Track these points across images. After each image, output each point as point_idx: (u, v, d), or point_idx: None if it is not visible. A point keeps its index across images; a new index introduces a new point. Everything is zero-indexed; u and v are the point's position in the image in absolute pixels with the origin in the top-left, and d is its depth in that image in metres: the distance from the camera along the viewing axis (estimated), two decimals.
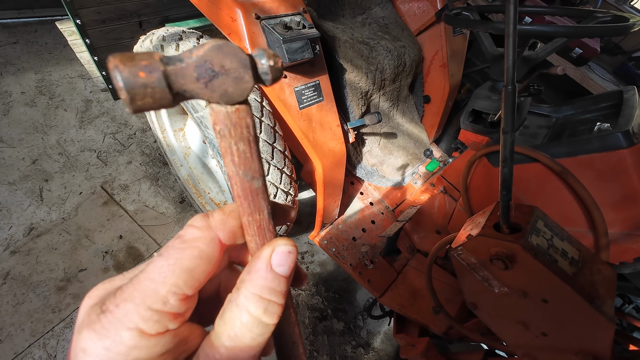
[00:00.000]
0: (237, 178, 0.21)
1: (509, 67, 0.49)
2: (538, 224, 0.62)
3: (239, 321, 0.20)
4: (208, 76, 0.18)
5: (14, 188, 1.68)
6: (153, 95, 0.17)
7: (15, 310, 1.37)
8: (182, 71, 0.18)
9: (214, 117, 0.19)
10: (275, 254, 0.21)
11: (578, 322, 0.56)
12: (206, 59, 0.18)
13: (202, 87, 0.18)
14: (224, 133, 0.20)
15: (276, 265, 0.21)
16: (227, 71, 0.18)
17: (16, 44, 2.23)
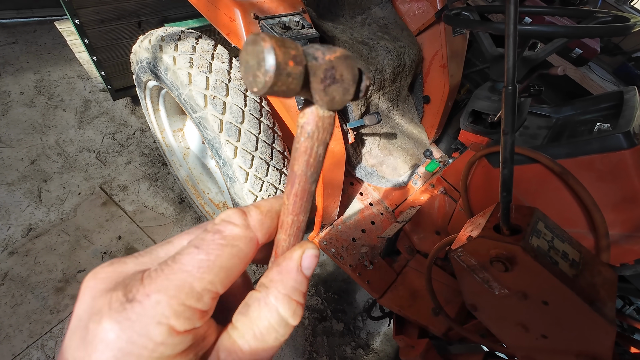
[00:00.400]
0: (304, 178, 0.21)
1: (509, 68, 0.49)
2: (538, 226, 0.62)
3: (267, 321, 0.20)
4: (330, 81, 0.18)
5: (13, 188, 1.67)
6: (290, 84, 0.17)
7: (14, 311, 1.37)
8: (315, 69, 0.18)
9: (310, 118, 0.20)
10: (305, 257, 0.21)
11: (578, 324, 0.56)
12: (334, 65, 0.18)
13: (322, 88, 0.18)
14: (313, 134, 0.20)
15: (305, 268, 0.21)
16: (342, 80, 0.19)
17: (15, 44, 2.23)
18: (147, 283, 0.17)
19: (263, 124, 1.06)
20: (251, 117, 1.03)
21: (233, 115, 0.99)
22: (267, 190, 1.11)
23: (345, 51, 0.19)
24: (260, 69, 0.16)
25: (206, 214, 1.71)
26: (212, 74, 1.00)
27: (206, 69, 1.00)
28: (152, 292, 0.17)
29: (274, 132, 1.09)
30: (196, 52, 1.04)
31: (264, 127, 1.06)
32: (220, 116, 0.99)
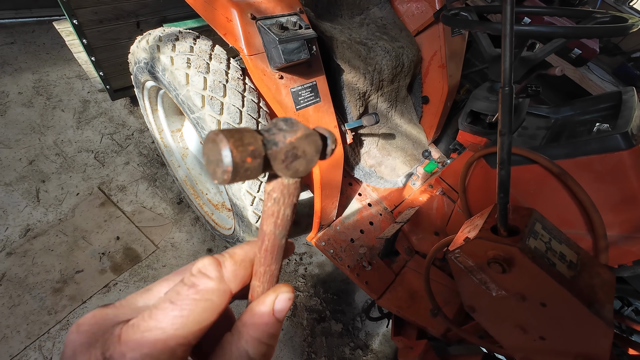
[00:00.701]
0: (272, 236, 0.23)
1: (506, 69, 0.48)
2: (536, 227, 0.62)
3: None
4: (291, 159, 0.20)
5: (11, 189, 1.67)
6: (249, 175, 0.18)
7: (11, 312, 1.36)
8: (275, 154, 0.19)
9: (275, 186, 0.21)
10: (278, 301, 0.23)
11: (576, 326, 0.56)
12: (296, 145, 0.20)
13: (283, 167, 0.20)
14: (278, 199, 0.22)
15: (277, 311, 0.22)
16: (305, 155, 0.20)
17: (13, 44, 2.22)
18: (124, 340, 0.18)
19: (261, 125, 1.06)
20: (249, 117, 1.02)
21: (231, 115, 0.99)
22: None
23: (306, 129, 0.20)
24: (219, 166, 0.17)
25: (205, 214, 1.71)
26: (210, 75, 1.00)
27: (204, 69, 1.00)
28: (128, 351, 0.18)
29: None
30: (194, 52, 1.03)
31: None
32: (217, 117, 0.98)
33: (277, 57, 0.82)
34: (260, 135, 0.19)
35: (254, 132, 0.19)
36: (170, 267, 1.67)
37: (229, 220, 1.63)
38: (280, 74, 0.90)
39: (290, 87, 0.92)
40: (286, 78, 0.91)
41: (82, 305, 1.46)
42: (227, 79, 1.03)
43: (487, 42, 1.04)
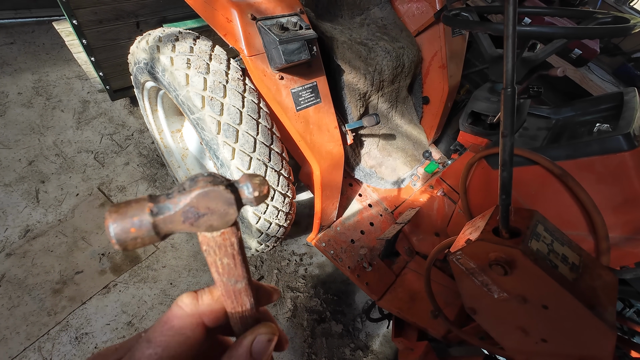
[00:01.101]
0: (221, 283, 0.24)
1: (508, 70, 0.48)
2: (538, 229, 0.61)
3: None
4: (194, 218, 0.20)
5: (10, 189, 1.67)
6: (142, 241, 0.19)
7: (11, 313, 1.36)
8: (170, 218, 0.20)
9: (201, 240, 0.22)
10: (255, 343, 0.24)
11: (579, 328, 0.55)
12: (192, 205, 0.20)
13: (189, 226, 0.20)
14: (209, 252, 0.23)
15: (256, 353, 0.23)
16: (212, 211, 0.20)
17: (13, 45, 2.22)
18: None
19: (261, 125, 1.05)
20: (249, 118, 1.02)
21: (231, 116, 0.99)
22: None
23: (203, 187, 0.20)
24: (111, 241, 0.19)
25: None
26: (210, 75, 1.00)
27: (204, 70, 1.00)
28: None
29: (272, 133, 1.08)
30: (194, 53, 1.03)
31: (262, 128, 1.05)
32: (218, 117, 0.98)
33: (278, 57, 0.82)
34: (150, 203, 0.20)
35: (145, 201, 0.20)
36: (170, 268, 1.67)
37: None
38: (281, 75, 0.90)
39: (290, 87, 0.91)
40: (286, 79, 0.91)
41: (81, 306, 1.45)
42: (227, 79, 1.02)
43: (488, 43, 1.04)
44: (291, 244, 1.95)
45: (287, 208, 1.18)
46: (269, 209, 1.14)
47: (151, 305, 1.54)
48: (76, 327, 1.40)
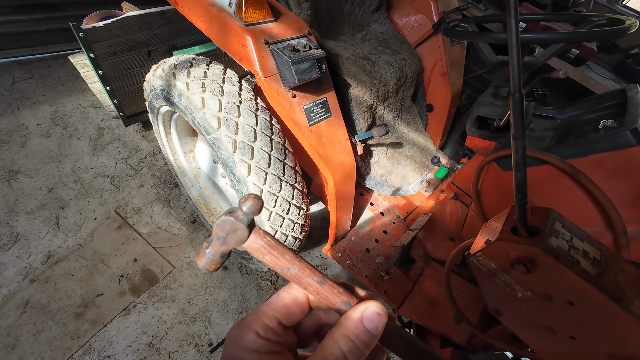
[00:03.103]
0: (280, 272, 0.31)
1: (515, 77, 0.51)
2: (556, 226, 0.63)
3: (332, 350, 0.27)
4: (223, 240, 0.29)
5: (32, 217, 1.72)
6: (215, 264, 0.31)
7: (35, 338, 1.38)
8: (213, 248, 0.30)
9: (247, 250, 0.30)
10: (367, 311, 0.28)
11: (606, 323, 0.56)
12: (217, 234, 0.30)
13: (226, 246, 0.30)
14: (254, 254, 0.30)
15: (366, 320, 0.28)
16: (229, 232, 0.29)
17: (32, 79, 2.34)
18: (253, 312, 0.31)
19: (274, 141, 1.09)
20: (263, 135, 1.06)
21: (246, 134, 1.03)
22: (281, 205, 1.13)
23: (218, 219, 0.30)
24: None
25: None
26: (224, 97, 1.05)
27: (218, 92, 1.05)
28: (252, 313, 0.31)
29: (285, 148, 1.12)
30: (208, 77, 1.09)
31: (275, 144, 1.10)
32: (233, 136, 1.02)
33: (291, 77, 0.87)
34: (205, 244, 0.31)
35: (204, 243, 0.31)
36: (188, 287, 1.68)
37: None
38: (293, 93, 0.95)
39: (303, 104, 0.96)
40: (299, 96, 0.96)
41: (103, 329, 1.47)
42: (240, 100, 1.07)
43: (488, 50, 1.08)
44: (304, 256, 1.96)
45: (302, 220, 1.21)
46: (285, 222, 1.16)
47: (170, 325, 1.55)
48: (99, 350, 1.42)
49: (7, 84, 2.26)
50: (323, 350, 0.27)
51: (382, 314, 0.28)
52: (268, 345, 0.29)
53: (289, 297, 0.32)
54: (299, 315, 0.32)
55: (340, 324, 0.28)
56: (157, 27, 1.80)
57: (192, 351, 1.51)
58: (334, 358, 0.27)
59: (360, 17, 1.54)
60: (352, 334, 0.27)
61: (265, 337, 0.29)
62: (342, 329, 0.28)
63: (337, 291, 0.31)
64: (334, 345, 0.27)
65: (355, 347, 0.27)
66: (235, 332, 0.29)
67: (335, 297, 0.30)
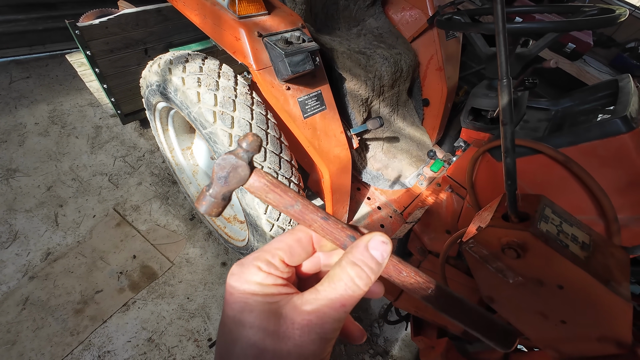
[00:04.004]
0: (284, 212, 0.30)
1: (502, 62, 0.52)
2: (546, 212, 0.63)
3: (339, 275, 0.28)
4: (224, 181, 0.29)
5: (31, 215, 1.73)
6: (217, 207, 0.30)
7: (35, 335, 1.39)
8: (214, 189, 0.29)
9: (248, 191, 0.30)
10: (372, 240, 0.29)
11: (595, 305, 0.57)
12: (216, 173, 0.29)
13: (227, 187, 0.29)
14: (257, 195, 0.30)
15: (371, 248, 0.28)
16: (230, 170, 0.29)
17: (29, 78, 2.34)
18: (253, 252, 0.31)
19: (270, 135, 1.10)
20: (258, 129, 1.07)
21: (241, 128, 1.04)
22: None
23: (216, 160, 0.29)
24: None
25: (217, 228, 1.74)
26: (220, 91, 1.06)
27: (213, 87, 1.06)
28: (251, 254, 0.30)
29: (280, 142, 1.13)
30: (203, 72, 1.09)
31: (271, 138, 1.10)
32: (229, 130, 1.03)
33: (284, 69, 0.87)
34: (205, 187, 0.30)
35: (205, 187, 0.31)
36: (187, 283, 1.69)
37: (242, 232, 1.66)
38: (288, 85, 0.95)
39: (297, 97, 0.96)
40: (293, 89, 0.96)
41: (102, 325, 1.48)
42: (235, 94, 1.08)
43: (482, 42, 1.08)
44: None
45: None
46: (282, 215, 1.17)
47: (170, 321, 1.56)
48: (98, 346, 1.43)
49: (4, 83, 2.27)
50: (330, 277, 0.28)
51: (387, 242, 0.28)
52: (271, 279, 0.29)
53: (292, 237, 0.32)
54: (302, 254, 0.32)
55: (345, 253, 0.29)
56: (154, 25, 1.81)
57: (192, 346, 1.52)
58: (342, 283, 0.27)
59: (355, 12, 1.54)
60: (358, 259, 0.28)
61: (268, 271, 0.29)
62: (348, 257, 0.28)
63: (341, 226, 0.30)
64: (341, 272, 0.28)
65: (362, 272, 0.27)
66: (237, 269, 0.29)
67: (339, 231, 0.30)
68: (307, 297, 0.27)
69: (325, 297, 0.27)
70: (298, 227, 0.32)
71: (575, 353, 0.65)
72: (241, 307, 0.27)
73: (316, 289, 0.28)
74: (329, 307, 0.27)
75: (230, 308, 0.27)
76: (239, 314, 0.27)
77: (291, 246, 0.31)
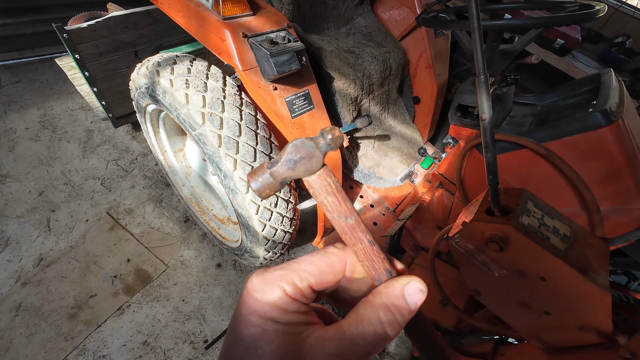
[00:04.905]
0: (334, 220, 0.28)
1: (479, 59, 0.53)
2: (528, 205, 0.65)
3: (369, 317, 0.26)
4: (293, 164, 0.26)
5: (22, 220, 1.72)
6: (269, 188, 0.27)
7: (29, 341, 1.39)
8: (278, 169, 0.27)
9: (307, 185, 0.28)
10: (410, 285, 0.27)
11: (575, 295, 0.58)
12: (289, 154, 0.27)
13: (292, 172, 0.27)
14: (315, 193, 0.28)
15: (407, 294, 0.27)
16: (303, 157, 0.26)
17: (19, 83, 2.33)
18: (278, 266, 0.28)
19: (260, 135, 1.10)
20: (247, 129, 1.07)
21: (230, 129, 1.04)
22: (269, 198, 1.14)
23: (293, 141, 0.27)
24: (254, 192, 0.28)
25: (212, 229, 1.74)
26: (208, 93, 1.06)
27: (202, 88, 1.06)
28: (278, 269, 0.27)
29: (270, 142, 1.13)
30: (191, 73, 1.09)
31: (261, 138, 1.11)
32: (218, 131, 1.03)
33: (270, 69, 0.88)
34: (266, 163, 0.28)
35: (264, 163, 0.28)
36: (182, 285, 1.69)
37: (236, 233, 1.66)
38: (274, 86, 0.96)
39: (284, 97, 0.97)
40: (280, 89, 0.97)
41: (97, 329, 1.47)
42: (224, 95, 1.08)
43: (467, 39, 1.10)
44: (298, 252, 1.97)
45: (290, 214, 1.22)
46: (274, 215, 1.18)
47: (165, 324, 1.56)
48: (93, 351, 1.42)
49: None
50: (359, 317, 0.26)
51: (424, 291, 0.27)
52: (295, 305, 0.26)
53: (325, 260, 0.28)
54: (332, 282, 0.29)
55: (379, 292, 0.27)
56: (143, 27, 1.80)
57: (188, 348, 1.52)
58: (371, 328, 0.25)
59: (344, 11, 1.55)
60: (392, 305, 0.26)
61: (293, 296, 0.26)
62: (382, 298, 0.26)
63: (383, 257, 0.29)
64: (372, 314, 0.25)
65: (395, 320, 0.26)
66: (259, 284, 0.26)
67: (380, 262, 0.28)
68: (331, 335, 0.25)
69: (351, 341, 0.24)
70: (331, 250, 0.29)
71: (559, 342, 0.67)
72: (259, 334, 0.24)
73: (341, 327, 0.25)
74: (354, 352, 0.24)
75: (246, 331, 0.24)
76: (255, 342, 0.24)
77: (323, 271, 0.28)
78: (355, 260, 0.30)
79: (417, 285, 0.27)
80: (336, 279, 0.29)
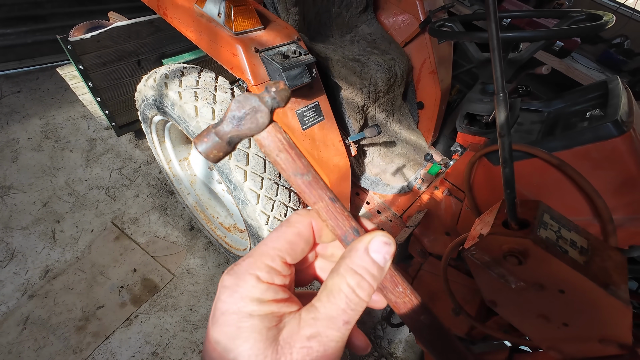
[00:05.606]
0: (290, 178, 0.27)
1: (498, 77, 0.53)
2: (544, 218, 0.65)
3: (338, 287, 0.24)
4: (237, 121, 0.25)
5: (27, 232, 1.71)
6: (218, 150, 0.25)
7: (37, 354, 1.38)
8: (223, 127, 0.25)
9: (258, 144, 0.26)
10: (373, 241, 0.25)
11: (596, 308, 0.58)
12: (231, 110, 0.25)
13: (238, 129, 0.25)
14: (267, 153, 0.26)
15: (372, 251, 0.25)
16: (248, 112, 0.25)
17: (20, 93, 2.31)
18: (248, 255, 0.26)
19: None
20: None
21: None
22: (279, 209, 1.14)
23: (236, 97, 0.26)
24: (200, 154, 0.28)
25: (217, 237, 1.74)
26: (217, 105, 1.06)
27: (211, 100, 1.06)
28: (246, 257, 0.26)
29: None
30: (199, 85, 1.10)
31: None
32: None
33: None
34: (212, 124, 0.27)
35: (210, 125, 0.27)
36: (189, 294, 1.68)
37: (243, 241, 1.66)
38: None
39: (295, 109, 0.97)
40: (291, 102, 0.97)
41: (105, 341, 1.47)
42: None
43: (474, 48, 1.10)
44: None
45: None
46: None
47: (173, 333, 1.55)
48: None
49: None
50: (329, 289, 0.24)
51: (389, 243, 0.25)
52: (272, 290, 0.25)
53: (291, 230, 0.27)
54: (304, 249, 0.28)
55: (344, 257, 0.25)
56: (146, 36, 1.80)
57: (196, 358, 1.51)
58: (342, 296, 0.24)
59: (348, 19, 1.56)
60: (358, 266, 0.24)
61: (269, 280, 0.25)
62: (347, 262, 0.25)
63: (347, 214, 0.27)
64: (340, 282, 0.24)
65: (364, 281, 0.24)
66: (229, 280, 0.24)
67: (344, 220, 0.27)
68: (305, 318, 0.24)
69: (326, 316, 0.23)
70: (294, 219, 0.28)
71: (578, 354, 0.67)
72: (233, 333, 0.23)
73: (314, 307, 0.24)
74: (331, 327, 0.23)
75: (219, 332, 0.23)
76: (230, 341, 0.22)
77: (292, 242, 0.27)
78: (320, 222, 0.28)
79: (381, 239, 0.25)
80: (308, 245, 0.28)
